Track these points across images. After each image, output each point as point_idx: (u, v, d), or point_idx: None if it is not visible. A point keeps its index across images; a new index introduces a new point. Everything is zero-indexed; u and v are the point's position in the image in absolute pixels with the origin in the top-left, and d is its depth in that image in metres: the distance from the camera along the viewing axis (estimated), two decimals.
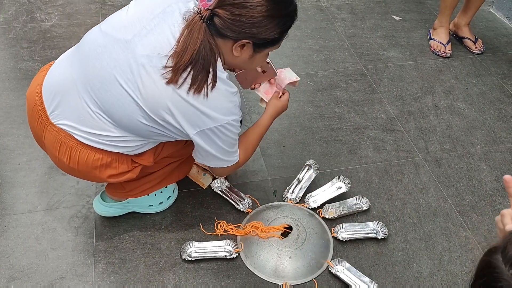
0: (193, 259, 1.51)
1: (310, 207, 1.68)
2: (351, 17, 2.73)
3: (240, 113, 1.30)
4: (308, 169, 1.79)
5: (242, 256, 1.55)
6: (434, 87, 2.28)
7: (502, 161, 1.92)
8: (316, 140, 1.98)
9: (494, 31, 2.68)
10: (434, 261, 1.56)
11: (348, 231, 1.61)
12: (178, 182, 1.68)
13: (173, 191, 1.67)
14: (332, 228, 1.62)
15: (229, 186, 1.74)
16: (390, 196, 1.76)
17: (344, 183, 1.74)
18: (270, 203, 1.71)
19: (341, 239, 1.58)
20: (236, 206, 1.67)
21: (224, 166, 1.39)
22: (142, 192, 1.56)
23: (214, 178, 1.75)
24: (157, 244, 1.57)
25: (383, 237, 1.59)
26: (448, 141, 2.00)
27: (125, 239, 1.58)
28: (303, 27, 2.61)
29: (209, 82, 1.19)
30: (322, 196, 1.71)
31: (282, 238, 1.58)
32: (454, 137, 2.02)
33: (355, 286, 1.46)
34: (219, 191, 1.71)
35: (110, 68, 1.22)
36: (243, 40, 1.20)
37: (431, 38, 2.53)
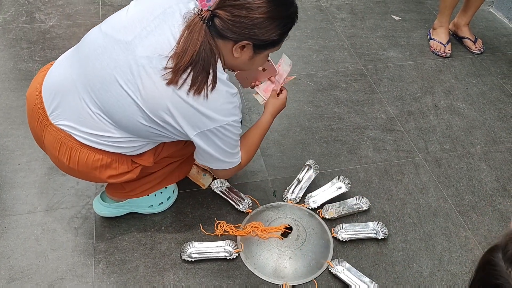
0: (193, 259, 1.51)
1: (310, 208, 1.68)
2: (350, 17, 2.73)
3: (240, 114, 1.30)
4: (308, 169, 1.79)
5: (242, 256, 1.55)
6: (434, 87, 2.28)
7: (502, 161, 1.92)
8: (316, 140, 1.98)
9: (494, 31, 2.68)
10: (434, 261, 1.56)
11: (348, 231, 1.61)
12: (178, 182, 1.68)
13: (173, 192, 1.67)
14: (332, 228, 1.62)
15: (229, 186, 1.74)
16: (390, 196, 1.76)
17: (344, 183, 1.74)
18: (270, 204, 1.71)
19: (341, 239, 1.58)
20: (236, 207, 1.67)
21: (226, 168, 1.38)
22: (142, 192, 1.56)
23: (214, 178, 1.75)
24: (157, 244, 1.57)
25: (383, 237, 1.59)
26: (448, 141, 2.00)
27: (125, 239, 1.58)
28: (302, 27, 2.61)
29: (209, 83, 1.19)
30: (322, 196, 1.71)
31: (282, 239, 1.58)
32: (454, 137, 2.02)
33: (355, 286, 1.46)
34: (219, 192, 1.71)
35: (110, 69, 1.22)
36: (243, 41, 1.20)
37: (431, 38, 2.53)
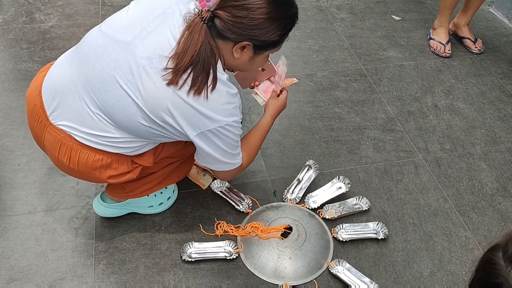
0: (193, 259, 1.51)
1: (310, 208, 1.68)
2: (350, 17, 2.73)
3: (240, 114, 1.30)
4: (308, 170, 1.79)
5: (242, 256, 1.54)
6: (434, 87, 2.28)
7: (502, 161, 1.92)
8: (316, 140, 1.98)
9: (493, 31, 2.68)
10: (434, 261, 1.56)
11: (348, 232, 1.61)
12: (178, 182, 1.68)
13: (173, 192, 1.67)
14: (332, 229, 1.62)
15: (229, 186, 1.73)
16: (390, 196, 1.76)
17: (344, 183, 1.74)
18: (270, 204, 1.71)
19: (341, 240, 1.58)
20: (236, 207, 1.67)
21: (227, 169, 1.38)
22: (142, 192, 1.56)
23: (214, 178, 1.75)
24: (157, 245, 1.57)
25: (383, 237, 1.59)
26: (448, 141, 2.00)
27: (125, 240, 1.58)
28: (302, 27, 2.61)
29: (209, 83, 1.19)
30: (322, 197, 1.71)
31: (282, 239, 1.58)
32: (454, 137, 2.02)
33: (355, 286, 1.46)
34: (219, 192, 1.71)
35: (110, 69, 1.21)
36: (244, 42, 1.20)
37: (430, 38, 2.52)
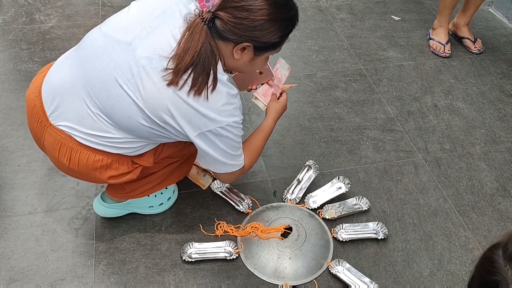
0: (193, 260, 1.51)
1: (310, 208, 1.68)
2: (350, 17, 2.73)
3: (241, 115, 1.30)
4: (308, 170, 1.79)
5: (242, 257, 1.55)
6: (433, 87, 2.28)
7: (502, 161, 1.92)
8: (316, 140, 1.98)
9: (493, 31, 2.68)
10: (434, 261, 1.56)
11: (348, 232, 1.61)
12: (178, 183, 1.68)
13: (173, 192, 1.67)
14: (332, 229, 1.62)
15: (229, 187, 1.73)
16: (390, 196, 1.76)
17: (344, 183, 1.74)
18: (270, 204, 1.71)
19: (341, 240, 1.58)
20: (236, 207, 1.67)
21: (229, 171, 1.38)
22: (142, 193, 1.56)
23: (214, 179, 1.75)
24: (157, 245, 1.57)
25: (383, 238, 1.59)
26: (447, 141, 2.00)
27: (125, 240, 1.58)
28: (302, 28, 2.61)
29: (209, 84, 1.19)
30: (322, 197, 1.71)
31: (282, 239, 1.58)
32: (454, 137, 2.02)
33: (355, 286, 1.46)
34: (219, 192, 1.71)
35: (110, 70, 1.22)
36: (244, 43, 1.21)
37: (430, 38, 2.53)
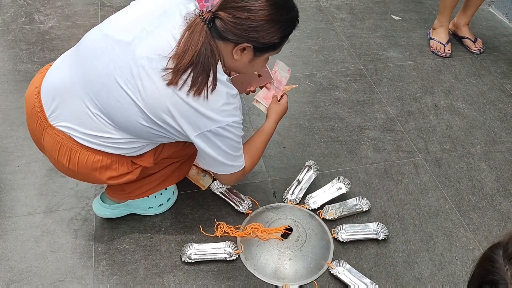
0: (193, 261, 1.51)
1: (310, 208, 1.68)
2: (350, 17, 2.73)
3: (241, 115, 1.29)
4: (308, 170, 1.79)
5: (242, 257, 1.54)
6: (433, 87, 2.27)
7: (502, 161, 1.92)
8: (316, 140, 1.97)
9: (493, 31, 2.68)
10: (434, 261, 1.56)
11: (348, 232, 1.61)
12: (177, 184, 1.67)
13: (172, 193, 1.67)
14: (332, 229, 1.62)
15: (229, 187, 1.73)
16: (390, 196, 1.76)
17: (344, 184, 1.74)
18: (270, 205, 1.70)
19: (341, 240, 1.58)
20: (236, 208, 1.67)
21: (230, 172, 1.37)
22: (142, 193, 1.56)
23: (214, 179, 1.74)
24: (157, 246, 1.57)
25: (383, 238, 1.59)
26: (448, 141, 2.00)
27: (125, 241, 1.58)
28: (302, 28, 2.60)
29: (209, 84, 1.19)
30: (322, 197, 1.71)
31: (282, 240, 1.57)
32: (454, 137, 2.02)
33: (355, 287, 1.45)
34: (218, 193, 1.71)
35: (110, 70, 1.21)
36: (244, 44, 1.20)
37: (430, 38, 2.52)
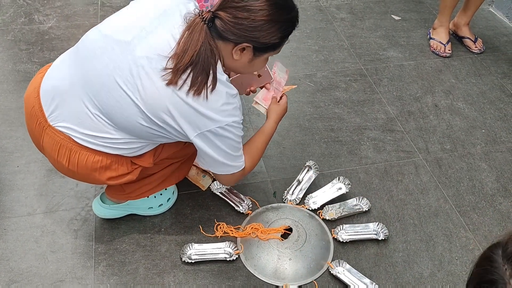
0: (193, 261, 1.50)
1: (310, 208, 1.68)
2: (350, 17, 2.73)
3: (241, 115, 1.29)
4: (308, 170, 1.79)
5: (242, 258, 1.54)
6: (434, 87, 2.27)
7: (502, 161, 1.92)
8: (316, 141, 1.97)
9: (493, 31, 2.68)
10: (434, 262, 1.56)
11: (348, 232, 1.60)
12: (177, 184, 1.67)
13: (172, 193, 1.67)
14: (332, 229, 1.61)
15: (229, 188, 1.73)
16: (390, 197, 1.76)
17: (344, 184, 1.73)
18: (270, 205, 1.70)
19: (341, 240, 1.58)
20: (236, 208, 1.67)
21: (229, 173, 1.37)
22: (142, 194, 1.56)
23: (214, 180, 1.74)
24: (157, 246, 1.57)
25: (383, 238, 1.58)
26: (448, 141, 1.99)
27: (125, 241, 1.58)
28: (302, 28, 2.60)
29: (209, 84, 1.19)
30: (322, 197, 1.71)
31: (282, 240, 1.57)
32: (454, 137, 2.01)
33: (355, 287, 1.45)
34: (218, 193, 1.71)
35: (109, 70, 1.21)
36: (244, 44, 1.20)
37: (430, 38, 2.52)
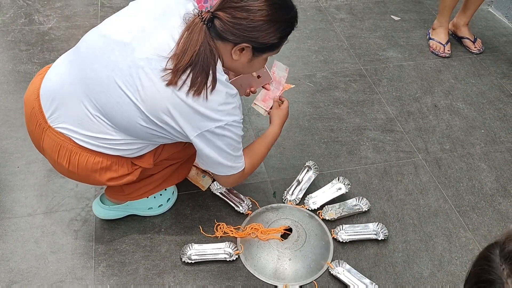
0: (193, 261, 1.51)
1: (310, 209, 1.68)
2: (350, 17, 2.73)
3: (241, 115, 1.29)
4: (307, 170, 1.79)
5: (242, 258, 1.54)
6: (433, 87, 2.27)
7: (502, 161, 1.92)
8: (316, 141, 1.97)
9: (493, 31, 2.68)
10: (434, 262, 1.56)
11: (348, 233, 1.61)
12: (177, 184, 1.67)
13: (172, 194, 1.67)
14: (332, 230, 1.62)
15: (229, 188, 1.73)
16: (390, 197, 1.76)
17: (344, 184, 1.74)
18: (269, 205, 1.70)
19: (341, 241, 1.58)
20: (236, 208, 1.67)
21: (229, 174, 1.37)
22: (141, 194, 1.56)
23: (213, 180, 1.74)
24: (157, 246, 1.57)
25: (383, 238, 1.59)
26: (447, 141, 2.00)
27: (125, 242, 1.58)
28: (302, 28, 2.60)
29: (208, 84, 1.19)
30: (322, 198, 1.71)
31: (282, 240, 1.57)
32: (454, 137, 2.02)
33: (355, 287, 1.45)
34: (218, 193, 1.71)
35: (109, 71, 1.21)
36: (243, 44, 1.20)
37: (430, 38, 2.52)
